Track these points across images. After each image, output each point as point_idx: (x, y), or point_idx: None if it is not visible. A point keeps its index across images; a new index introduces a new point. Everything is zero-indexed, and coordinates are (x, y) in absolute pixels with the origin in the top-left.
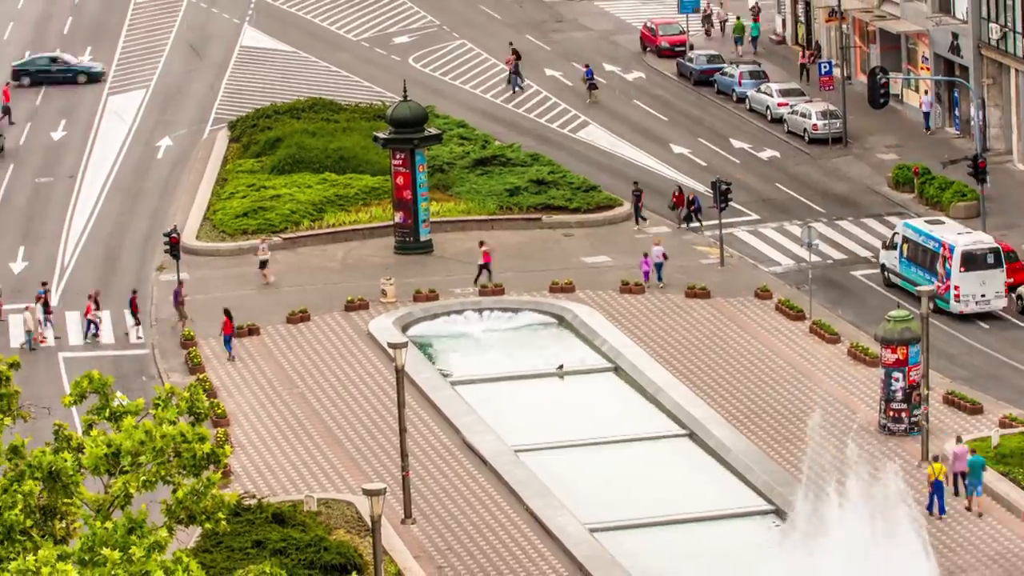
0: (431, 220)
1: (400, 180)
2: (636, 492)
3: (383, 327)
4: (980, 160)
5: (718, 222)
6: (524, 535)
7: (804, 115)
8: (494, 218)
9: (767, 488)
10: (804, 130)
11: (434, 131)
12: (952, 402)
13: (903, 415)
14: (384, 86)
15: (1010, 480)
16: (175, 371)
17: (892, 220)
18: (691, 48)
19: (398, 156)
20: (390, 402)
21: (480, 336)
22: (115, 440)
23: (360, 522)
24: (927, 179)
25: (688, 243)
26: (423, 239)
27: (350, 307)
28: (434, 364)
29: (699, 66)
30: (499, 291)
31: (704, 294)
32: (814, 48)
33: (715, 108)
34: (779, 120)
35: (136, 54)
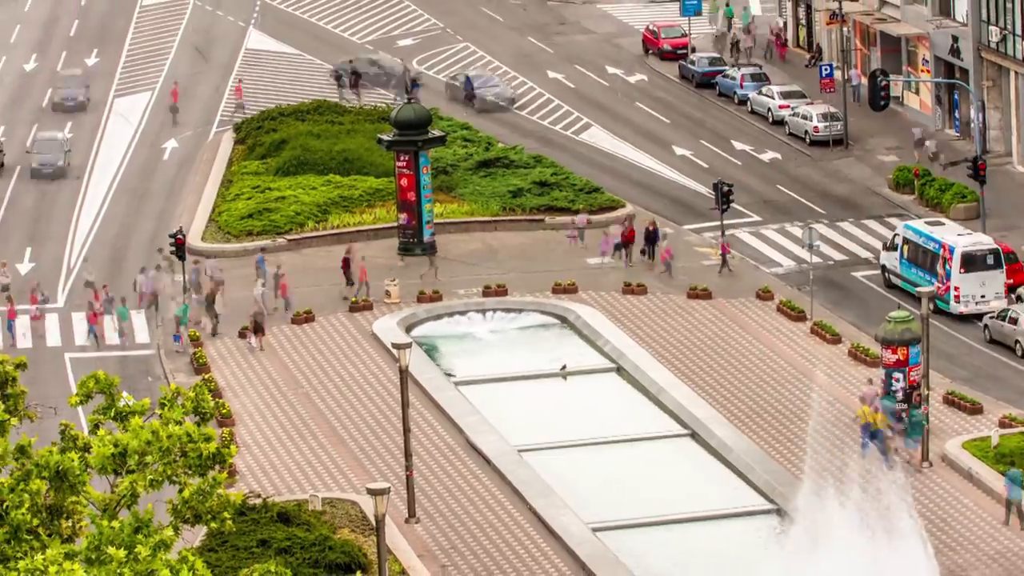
0: (435, 221)
1: (404, 182)
2: (638, 492)
3: (387, 328)
4: (980, 162)
5: (720, 223)
6: (527, 534)
7: (805, 117)
8: (497, 219)
9: (768, 488)
10: (805, 132)
11: (438, 133)
12: (952, 402)
13: (903, 415)
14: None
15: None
16: (180, 371)
17: (893, 221)
18: (693, 51)
19: (402, 158)
20: (394, 402)
21: (483, 336)
22: (121, 440)
23: (364, 521)
24: (927, 181)
25: (690, 244)
26: (427, 240)
27: (354, 308)
28: (438, 365)
29: (701, 68)
30: (502, 292)
31: (706, 295)
32: (815, 50)
33: (717, 110)
34: (780, 122)
35: (142, 56)
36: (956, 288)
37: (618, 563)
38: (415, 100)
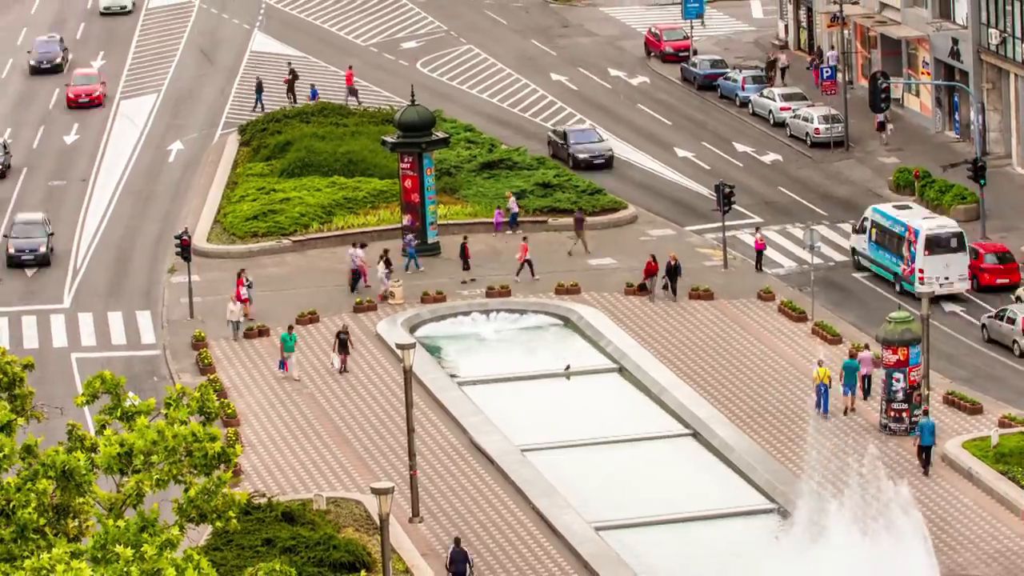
0: (439, 223)
1: (408, 183)
2: (641, 491)
3: (391, 328)
4: (979, 163)
5: (721, 225)
6: (530, 533)
7: (806, 119)
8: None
9: (770, 487)
10: (806, 134)
11: (441, 135)
12: (952, 402)
13: (904, 415)
14: (392, 91)
15: (1009, 479)
16: (186, 372)
17: None
18: (695, 53)
19: (406, 160)
20: (398, 402)
21: (487, 337)
22: (127, 440)
23: (368, 520)
24: (928, 182)
25: (691, 245)
26: (431, 241)
27: (359, 308)
28: (441, 365)
29: (703, 71)
30: (506, 293)
31: (707, 296)
32: (816, 53)
33: (718, 112)
34: (781, 124)
35: (147, 59)
36: (921, 270)
37: (620, 562)
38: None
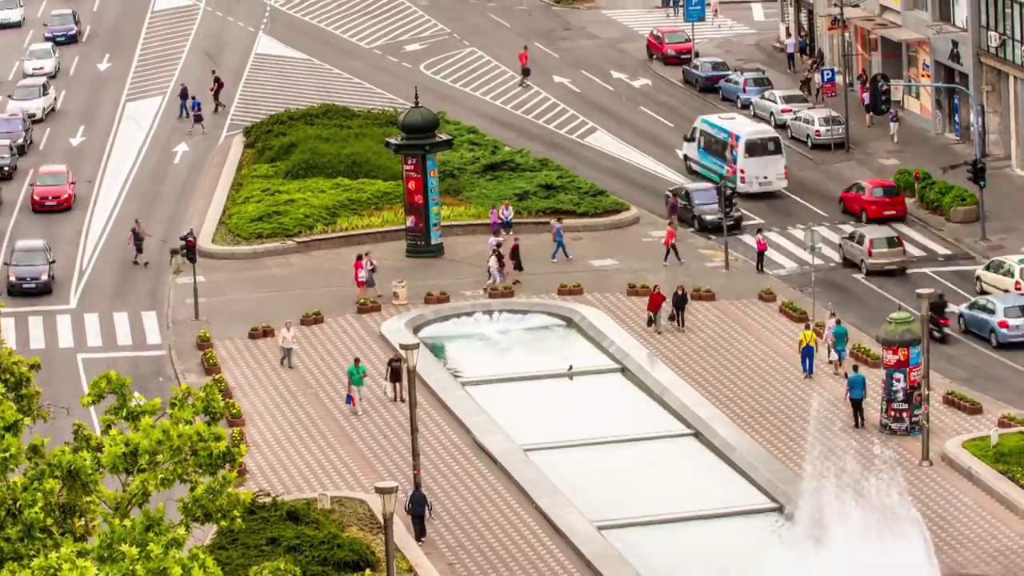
0: (442, 224)
1: (412, 185)
2: (642, 490)
3: (395, 329)
4: (979, 165)
5: (723, 226)
6: (533, 532)
7: (807, 121)
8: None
9: (771, 486)
10: (807, 136)
11: (445, 137)
12: (952, 402)
13: (904, 415)
14: (396, 93)
15: (1008, 478)
16: (191, 372)
17: (893, 224)
18: (696, 56)
19: (410, 161)
20: (402, 402)
21: (490, 337)
22: (133, 439)
23: (372, 520)
24: (927, 184)
25: (693, 247)
26: (434, 242)
27: (363, 309)
28: (445, 365)
29: (704, 73)
30: (509, 293)
31: (709, 296)
32: (816, 56)
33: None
34: (783, 126)
35: (153, 61)
36: (742, 171)
37: (623, 561)
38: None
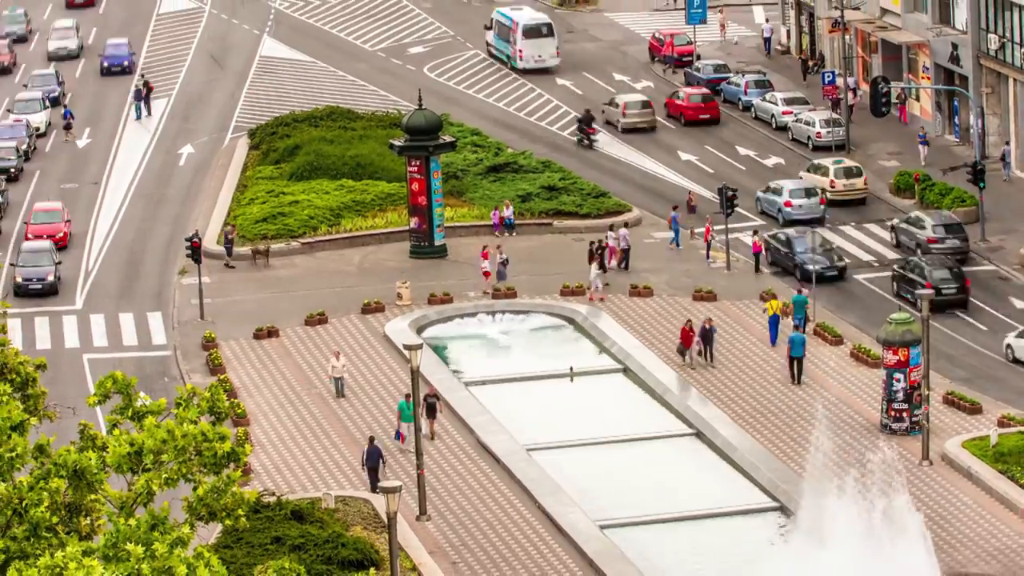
0: (445, 225)
1: (415, 186)
2: (645, 490)
3: (399, 329)
4: (979, 167)
5: (724, 227)
6: (536, 531)
7: (808, 123)
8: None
9: (772, 486)
10: (808, 138)
11: (448, 139)
12: (952, 402)
13: (904, 415)
14: (400, 95)
15: (1008, 478)
16: (196, 372)
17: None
18: (698, 58)
19: (413, 163)
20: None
21: (493, 338)
22: (138, 439)
23: (376, 519)
24: (927, 185)
25: (695, 248)
26: (438, 244)
27: (367, 310)
28: (448, 365)
29: (706, 75)
30: (511, 294)
31: (711, 297)
32: (817, 58)
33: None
34: (784, 128)
35: (158, 64)
36: (520, 51)
37: (625, 560)
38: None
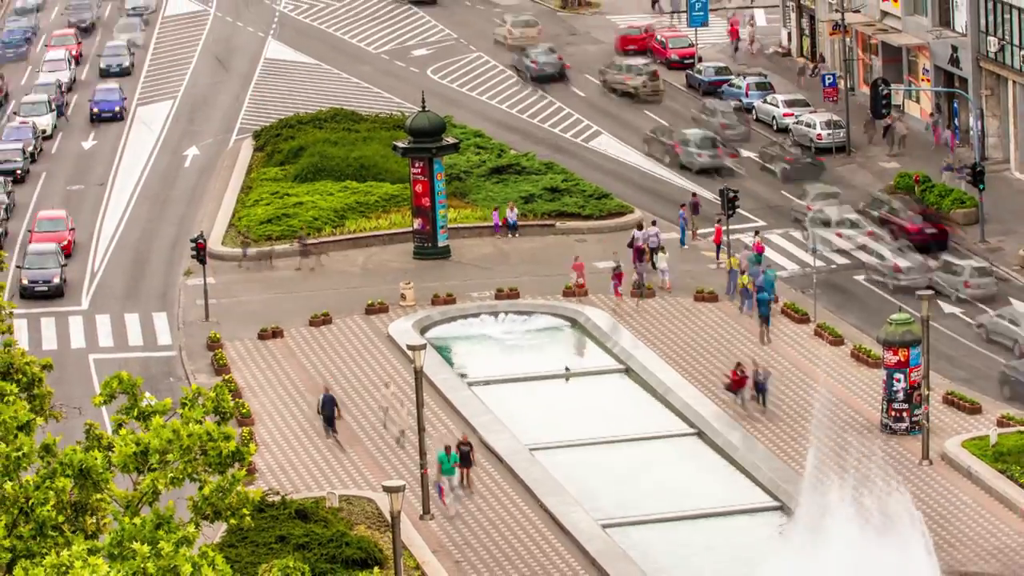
0: (448, 226)
1: (419, 188)
2: (647, 489)
3: (402, 330)
4: (978, 168)
5: (725, 228)
6: (538, 530)
7: (809, 125)
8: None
9: (773, 485)
10: (809, 140)
11: (451, 140)
12: (952, 402)
13: (904, 415)
14: (403, 97)
15: (1007, 477)
16: (201, 372)
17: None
18: (700, 60)
19: (417, 165)
20: (409, 402)
21: (497, 338)
22: (144, 439)
23: (380, 518)
24: (927, 187)
25: (697, 248)
26: (441, 245)
27: (370, 310)
28: (452, 365)
29: (707, 78)
30: (514, 295)
31: (712, 298)
32: (818, 60)
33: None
34: (785, 130)
35: (164, 66)
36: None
37: (627, 558)
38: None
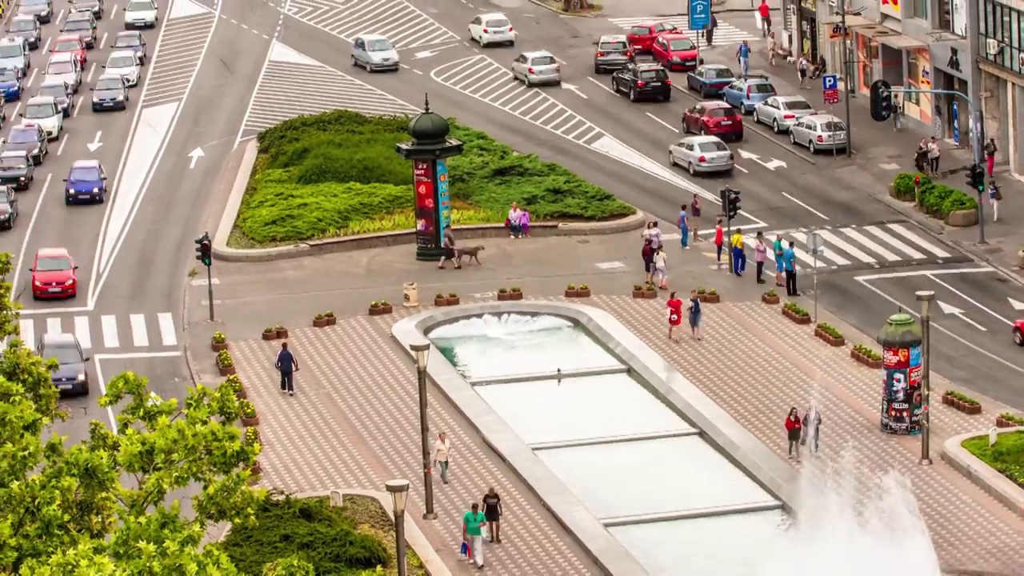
0: (452, 227)
1: (422, 189)
2: (648, 488)
3: (406, 330)
4: (978, 170)
5: (726, 230)
6: (541, 529)
7: (809, 127)
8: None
9: (773, 484)
10: (809, 141)
11: (455, 142)
12: (951, 402)
13: (904, 415)
14: (407, 99)
15: (1007, 477)
16: (206, 372)
17: (893, 227)
18: (701, 62)
19: (420, 166)
20: (412, 402)
21: (500, 338)
22: (149, 438)
23: (384, 517)
24: (927, 188)
25: (698, 249)
26: (443, 245)
27: (374, 311)
28: (455, 366)
29: (709, 80)
30: (517, 295)
31: (713, 299)
32: (819, 62)
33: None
34: (785, 131)
35: (169, 68)
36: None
37: (629, 557)
38: None
